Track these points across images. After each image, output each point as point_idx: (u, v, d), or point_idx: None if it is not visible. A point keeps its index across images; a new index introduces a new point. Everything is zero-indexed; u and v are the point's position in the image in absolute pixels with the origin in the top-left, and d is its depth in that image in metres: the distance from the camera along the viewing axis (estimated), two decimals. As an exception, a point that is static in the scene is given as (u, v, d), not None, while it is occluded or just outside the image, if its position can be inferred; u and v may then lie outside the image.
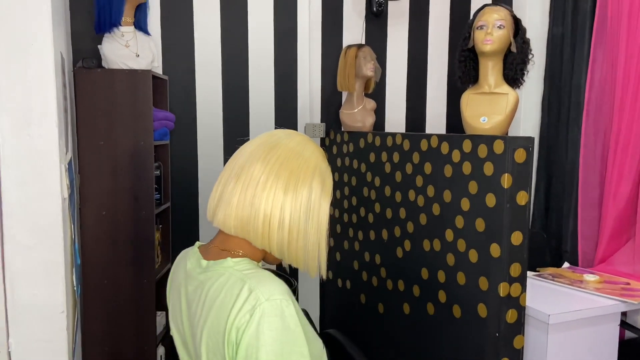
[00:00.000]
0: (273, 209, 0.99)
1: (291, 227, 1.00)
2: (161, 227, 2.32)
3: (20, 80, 1.31)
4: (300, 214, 1.00)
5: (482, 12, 1.73)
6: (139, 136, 2.03)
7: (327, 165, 1.07)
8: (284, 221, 0.99)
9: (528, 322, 1.84)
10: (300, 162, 1.01)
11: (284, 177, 1.00)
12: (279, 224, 0.99)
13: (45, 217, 1.34)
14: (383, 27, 2.75)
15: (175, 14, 2.39)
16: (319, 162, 1.04)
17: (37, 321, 1.34)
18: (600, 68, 2.50)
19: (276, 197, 0.99)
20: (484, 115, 1.72)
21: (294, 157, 1.01)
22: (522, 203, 1.54)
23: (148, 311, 2.10)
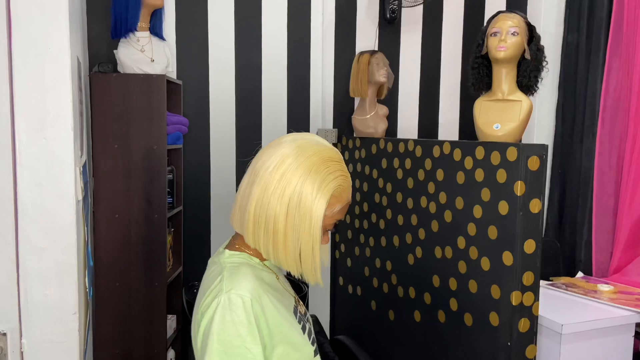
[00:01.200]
0: (260, 209, 1.01)
1: (276, 228, 1.01)
2: (173, 230, 2.33)
3: (37, 83, 1.33)
4: (287, 216, 1.00)
5: (496, 19, 1.72)
6: (153, 140, 2.05)
7: (335, 168, 1.03)
8: (268, 222, 1.01)
9: (541, 331, 1.81)
10: (294, 164, 1.01)
11: (275, 180, 1.00)
12: (265, 225, 1.01)
13: (59, 218, 1.35)
14: (396, 34, 2.75)
15: (190, 20, 2.42)
16: (319, 163, 1.02)
17: (50, 322, 1.35)
18: (616, 76, 2.48)
19: (264, 198, 1.01)
20: (497, 122, 1.71)
21: (288, 160, 1.01)
22: (535, 211, 1.53)
23: (159, 314, 2.10)
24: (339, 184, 1.03)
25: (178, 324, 2.36)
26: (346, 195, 1.05)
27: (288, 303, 1.13)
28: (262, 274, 1.08)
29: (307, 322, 1.18)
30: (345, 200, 1.06)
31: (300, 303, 1.21)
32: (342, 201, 1.05)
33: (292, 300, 1.17)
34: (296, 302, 1.19)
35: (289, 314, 1.09)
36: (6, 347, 1.30)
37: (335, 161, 1.04)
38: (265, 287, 1.05)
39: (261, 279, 1.06)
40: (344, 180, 1.04)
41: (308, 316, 1.22)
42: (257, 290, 1.00)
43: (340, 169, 1.05)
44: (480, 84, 1.82)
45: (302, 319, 1.15)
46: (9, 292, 1.33)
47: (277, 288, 1.11)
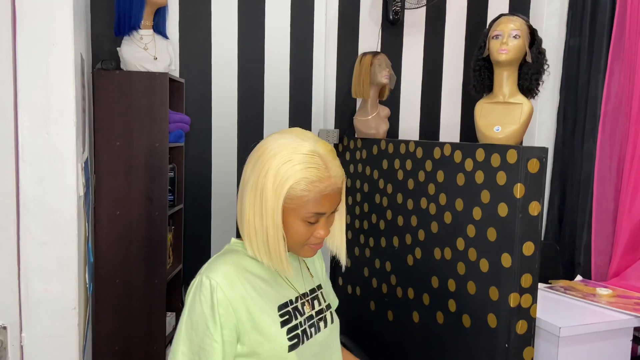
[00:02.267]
0: (240, 199, 1.12)
1: (248, 220, 1.09)
2: (174, 228, 2.34)
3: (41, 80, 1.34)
4: (254, 208, 1.08)
5: (498, 22, 1.73)
6: (155, 138, 2.06)
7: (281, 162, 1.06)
8: (242, 214, 1.10)
9: (539, 334, 1.82)
10: (262, 157, 1.08)
11: (248, 174, 1.10)
12: (240, 214, 1.11)
13: (60, 214, 1.35)
14: (399, 35, 2.76)
15: (193, 18, 2.42)
16: (276, 156, 1.06)
17: (49, 317, 1.36)
18: (617, 81, 2.48)
19: (241, 192, 1.11)
20: (497, 125, 1.72)
21: (262, 153, 1.09)
22: (535, 213, 1.53)
23: (158, 311, 2.11)
24: (300, 176, 1.05)
25: (177, 321, 2.37)
26: (318, 187, 1.06)
27: (277, 295, 1.15)
28: (247, 262, 1.13)
29: (307, 319, 1.17)
30: (317, 192, 1.06)
31: (307, 301, 1.20)
32: (313, 192, 1.06)
33: (290, 294, 1.18)
34: (301, 298, 1.19)
35: (268, 304, 1.11)
36: (6, 340, 1.30)
37: (312, 154, 1.07)
38: (244, 275, 1.10)
39: (243, 267, 1.11)
40: (316, 171, 1.06)
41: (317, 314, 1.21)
42: (230, 275, 1.07)
43: (295, 159, 1.06)
44: (481, 86, 1.83)
45: (296, 315, 1.16)
46: (9, 287, 1.33)
47: (266, 279, 1.14)
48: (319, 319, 1.21)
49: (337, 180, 1.10)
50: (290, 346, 1.11)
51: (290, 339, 1.12)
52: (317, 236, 1.11)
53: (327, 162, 1.08)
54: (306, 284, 1.24)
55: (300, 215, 1.08)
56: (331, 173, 1.08)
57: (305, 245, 1.14)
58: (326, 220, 1.12)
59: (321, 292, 1.27)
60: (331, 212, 1.12)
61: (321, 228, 1.11)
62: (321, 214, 1.10)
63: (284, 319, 1.13)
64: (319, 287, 1.27)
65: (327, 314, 1.25)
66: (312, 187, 1.06)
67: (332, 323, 1.25)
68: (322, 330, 1.20)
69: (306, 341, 1.15)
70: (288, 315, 1.14)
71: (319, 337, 1.18)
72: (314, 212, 1.08)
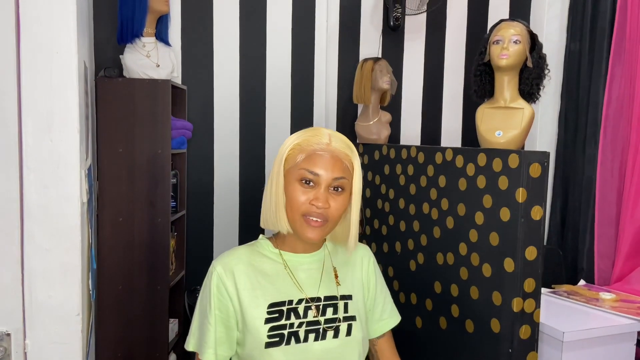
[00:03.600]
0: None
1: (264, 196, 1.23)
2: (176, 234, 2.34)
3: (44, 87, 1.35)
4: (268, 182, 1.21)
5: (499, 27, 1.73)
6: (157, 144, 2.06)
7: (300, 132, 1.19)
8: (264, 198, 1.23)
9: (542, 339, 1.81)
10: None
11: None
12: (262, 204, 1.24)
13: (64, 220, 1.36)
14: (400, 41, 2.77)
15: (195, 26, 2.44)
16: (289, 140, 1.19)
17: (53, 323, 1.36)
18: (618, 85, 2.48)
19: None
20: (499, 130, 1.72)
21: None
22: (537, 218, 1.54)
23: (161, 318, 2.11)
24: (303, 138, 1.17)
25: (180, 327, 2.37)
26: (312, 147, 1.15)
27: (274, 292, 1.17)
28: (255, 257, 1.22)
29: (307, 323, 1.16)
30: (311, 150, 1.15)
31: (316, 307, 1.19)
32: (307, 150, 1.15)
33: (294, 295, 1.18)
34: (308, 301, 1.19)
35: (260, 299, 1.16)
36: (10, 347, 1.30)
37: (308, 129, 1.19)
38: (246, 267, 1.19)
39: (248, 261, 1.20)
40: (314, 137, 1.16)
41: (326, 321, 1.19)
42: (231, 266, 1.18)
43: (305, 132, 1.19)
44: (482, 91, 1.83)
45: (289, 315, 1.16)
46: (13, 293, 1.34)
47: (270, 275, 1.20)
48: (326, 327, 1.18)
49: (336, 150, 1.15)
50: (267, 343, 1.13)
51: (271, 336, 1.13)
52: (314, 202, 1.13)
53: (331, 135, 1.17)
54: (323, 289, 1.22)
55: (295, 174, 1.15)
56: (333, 144, 1.16)
57: (303, 218, 1.14)
58: (326, 192, 1.14)
59: (346, 302, 1.23)
60: (329, 182, 1.14)
61: (319, 195, 1.13)
62: (314, 174, 1.13)
63: (271, 317, 1.15)
64: (345, 297, 1.23)
65: (343, 325, 1.20)
66: (305, 145, 1.16)
67: (349, 336, 1.19)
68: (329, 339, 1.17)
69: (294, 344, 1.14)
70: (278, 313, 1.16)
71: (319, 345, 1.16)
72: (306, 169, 1.13)
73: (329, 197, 1.14)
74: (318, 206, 1.13)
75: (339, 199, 1.16)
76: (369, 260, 1.34)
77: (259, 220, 1.25)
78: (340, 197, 1.16)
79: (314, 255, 1.25)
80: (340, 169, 1.15)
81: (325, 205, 1.13)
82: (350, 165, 1.17)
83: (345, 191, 1.17)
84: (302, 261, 1.23)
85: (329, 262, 1.26)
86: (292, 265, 1.22)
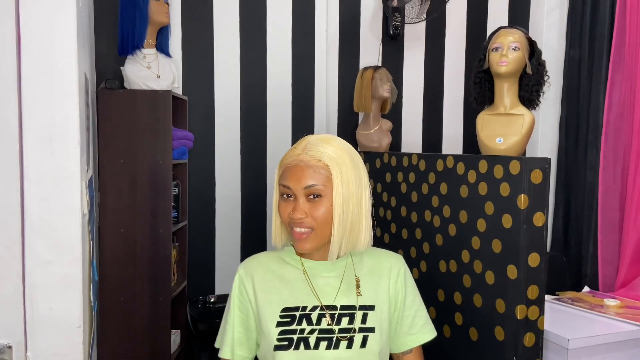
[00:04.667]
0: None
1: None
2: (178, 245, 2.34)
3: (45, 99, 1.35)
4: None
5: (497, 35, 1.74)
6: (159, 155, 2.07)
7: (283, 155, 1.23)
8: None
9: (547, 346, 1.80)
10: None
11: None
12: None
13: (65, 232, 1.36)
14: (399, 50, 2.78)
15: (196, 37, 2.45)
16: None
17: (55, 335, 1.36)
18: (619, 90, 2.48)
19: None
20: (499, 136, 1.72)
21: None
22: (539, 224, 1.53)
23: (163, 329, 2.10)
24: (285, 154, 1.21)
25: (182, 338, 2.35)
26: (286, 160, 1.19)
27: (289, 297, 1.20)
28: (275, 261, 1.26)
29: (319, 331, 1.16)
30: (285, 164, 1.19)
31: (330, 315, 1.18)
32: (283, 165, 1.19)
33: (309, 301, 1.19)
34: (322, 309, 1.19)
35: (275, 302, 1.20)
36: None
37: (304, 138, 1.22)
38: (265, 271, 1.24)
39: (268, 265, 1.25)
40: (289, 150, 1.21)
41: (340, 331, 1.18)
42: (251, 269, 1.24)
43: (300, 140, 1.21)
44: (482, 98, 1.83)
45: (301, 320, 1.16)
46: (15, 305, 1.34)
47: (288, 280, 1.23)
48: (340, 337, 1.17)
49: (305, 159, 1.16)
50: (276, 346, 1.15)
51: (280, 340, 1.15)
52: (292, 215, 1.16)
53: (309, 144, 1.18)
54: (341, 298, 1.21)
55: (278, 191, 1.21)
56: (306, 152, 1.16)
57: (292, 231, 1.18)
58: (305, 201, 1.16)
59: (365, 313, 1.21)
60: (301, 192, 1.15)
61: (295, 207, 1.16)
62: (287, 187, 1.16)
63: (283, 320, 1.17)
64: (365, 307, 1.22)
65: (358, 336, 1.18)
66: (284, 160, 1.20)
67: (363, 348, 1.17)
68: (342, 349, 1.16)
69: (303, 349, 1.15)
70: (290, 318, 1.17)
71: (330, 354, 1.15)
72: (281, 182, 1.18)
73: (309, 206, 1.16)
74: (295, 217, 1.16)
75: (317, 206, 1.16)
76: (398, 271, 1.31)
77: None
78: (318, 204, 1.16)
79: (335, 263, 1.24)
80: (309, 177, 1.15)
81: (302, 214, 1.15)
82: (326, 170, 1.15)
83: (323, 197, 1.16)
84: (321, 269, 1.24)
85: (352, 271, 1.26)
86: (311, 272, 1.23)
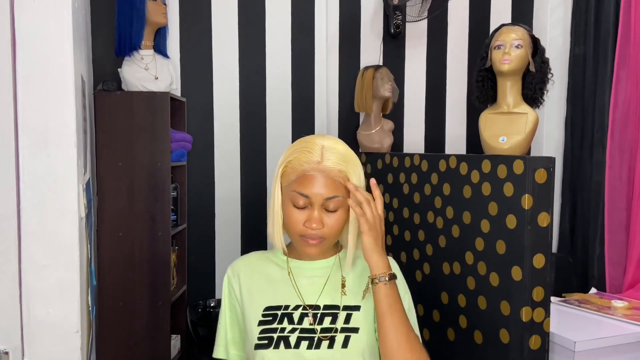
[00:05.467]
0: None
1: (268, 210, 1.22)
2: (177, 248, 2.32)
3: (41, 101, 1.34)
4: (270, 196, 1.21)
5: (500, 32, 1.71)
6: (157, 157, 2.05)
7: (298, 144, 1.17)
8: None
9: (553, 349, 1.77)
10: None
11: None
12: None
13: (61, 236, 1.34)
14: (401, 48, 2.75)
15: (194, 38, 2.43)
16: (293, 145, 1.19)
17: (52, 340, 1.34)
18: (624, 88, 2.45)
19: None
20: (503, 135, 1.69)
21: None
22: (544, 224, 1.50)
23: (163, 334, 2.08)
24: (294, 156, 1.14)
25: (182, 343, 2.33)
26: (303, 167, 1.13)
27: (273, 296, 1.19)
28: (263, 262, 1.26)
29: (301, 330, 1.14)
30: (301, 171, 1.13)
31: (312, 314, 1.16)
32: (298, 170, 1.13)
33: (292, 300, 1.17)
34: (305, 308, 1.17)
35: (259, 301, 1.19)
36: (7, 367, 1.28)
37: (313, 143, 1.15)
38: (252, 271, 1.24)
39: (255, 265, 1.25)
40: (308, 154, 1.13)
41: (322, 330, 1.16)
42: (238, 269, 1.25)
43: (300, 145, 1.16)
44: (485, 96, 1.81)
45: (282, 319, 1.15)
46: (11, 310, 1.32)
47: (274, 279, 1.22)
48: (321, 337, 1.15)
49: (327, 169, 1.12)
50: (257, 345, 1.15)
51: (261, 338, 1.15)
52: (307, 225, 1.13)
53: (327, 151, 1.13)
54: (324, 298, 1.19)
55: (289, 196, 1.14)
56: (324, 160, 1.12)
57: (302, 237, 1.15)
58: (320, 211, 1.13)
59: (349, 313, 1.19)
60: (321, 202, 1.12)
61: (312, 218, 1.12)
62: (304, 196, 1.12)
63: (265, 319, 1.17)
64: (349, 308, 1.19)
65: (340, 336, 1.15)
66: (297, 166, 1.13)
67: (344, 348, 1.14)
68: (323, 349, 1.14)
69: (283, 348, 1.13)
70: (272, 317, 1.17)
71: (311, 354, 1.13)
72: (296, 190, 1.12)
73: (324, 216, 1.13)
74: (312, 227, 1.12)
75: (334, 217, 1.14)
76: None
77: (262, 232, 1.26)
78: (335, 215, 1.14)
79: (320, 262, 1.23)
80: (332, 188, 1.12)
81: (319, 226, 1.13)
82: (343, 180, 1.14)
83: (341, 208, 1.14)
84: (305, 268, 1.23)
85: (338, 271, 1.23)
86: (296, 271, 1.22)
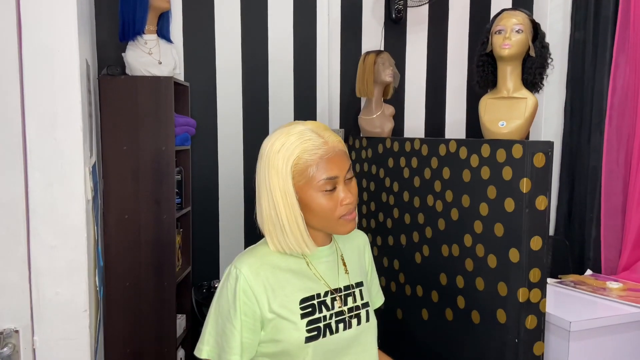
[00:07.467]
0: (259, 205, 1.17)
1: (266, 216, 1.15)
2: (182, 230, 2.35)
3: (47, 86, 1.35)
4: (268, 202, 1.13)
5: (500, 17, 1.72)
6: (161, 141, 2.07)
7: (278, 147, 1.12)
8: (262, 214, 1.16)
9: (549, 329, 1.81)
10: (263, 154, 1.15)
11: (257, 175, 1.17)
12: (260, 218, 1.17)
13: (69, 217, 1.37)
14: (402, 34, 2.76)
15: (197, 22, 2.44)
16: (273, 145, 1.13)
17: (61, 319, 1.37)
18: (623, 73, 2.47)
19: (257, 195, 1.17)
20: (502, 120, 1.72)
21: (262, 151, 1.16)
22: (542, 208, 1.53)
23: (168, 314, 2.13)
24: (297, 152, 1.10)
25: (188, 323, 2.38)
26: (319, 153, 1.10)
27: (303, 287, 1.17)
28: (274, 256, 1.18)
29: (336, 314, 1.18)
30: (319, 157, 1.10)
31: (340, 297, 1.20)
32: (316, 159, 1.10)
33: (319, 288, 1.19)
34: (332, 293, 1.20)
35: (291, 296, 1.15)
36: (19, 344, 1.32)
37: (303, 131, 1.12)
38: (270, 267, 1.16)
39: (270, 260, 1.17)
40: (312, 141, 1.10)
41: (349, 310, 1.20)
42: (255, 267, 1.14)
43: (290, 140, 1.11)
44: (485, 81, 1.82)
45: (321, 308, 1.17)
46: (21, 290, 1.35)
47: (295, 270, 1.18)
48: (350, 316, 1.20)
49: (336, 145, 1.13)
50: (307, 338, 1.13)
51: (309, 331, 1.14)
52: (344, 202, 1.12)
53: (319, 132, 1.13)
54: (341, 280, 1.23)
55: (315, 187, 1.10)
56: (327, 139, 1.12)
57: (339, 219, 1.14)
58: (344, 185, 1.13)
59: (360, 289, 1.25)
60: (345, 176, 1.13)
61: (343, 193, 1.12)
62: (334, 178, 1.11)
63: (305, 311, 1.15)
64: (357, 285, 1.25)
65: (363, 312, 1.23)
66: (313, 155, 1.10)
67: (368, 322, 1.23)
68: (355, 327, 1.20)
69: (329, 335, 1.16)
70: (311, 307, 1.16)
71: (347, 334, 1.18)
72: (325, 177, 1.10)
73: (348, 188, 1.14)
74: (350, 202, 1.13)
75: (353, 183, 1.16)
76: (365, 246, 1.36)
77: None
78: (353, 181, 1.17)
79: (330, 247, 1.25)
80: (346, 158, 1.15)
81: (354, 197, 1.14)
82: (343, 145, 1.18)
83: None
84: (320, 254, 1.22)
85: (338, 252, 1.27)
86: (312, 259, 1.22)
